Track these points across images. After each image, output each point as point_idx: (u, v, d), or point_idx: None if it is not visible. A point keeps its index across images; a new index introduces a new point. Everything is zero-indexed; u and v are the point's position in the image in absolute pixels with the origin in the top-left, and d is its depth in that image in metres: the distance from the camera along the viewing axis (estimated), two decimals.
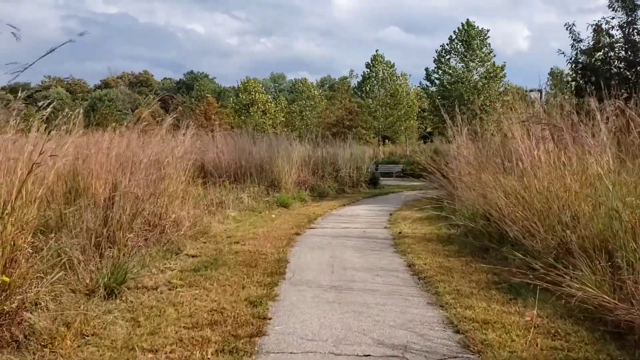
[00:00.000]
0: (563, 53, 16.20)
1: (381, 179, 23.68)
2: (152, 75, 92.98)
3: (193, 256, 7.65)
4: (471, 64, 40.00)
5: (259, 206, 13.28)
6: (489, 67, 39.81)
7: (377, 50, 47.80)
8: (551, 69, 64.74)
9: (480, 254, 7.63)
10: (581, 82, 15.34)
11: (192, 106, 43.79)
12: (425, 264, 7.06)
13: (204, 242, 8.71)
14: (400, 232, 9.80)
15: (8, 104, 6.47)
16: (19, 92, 5.59)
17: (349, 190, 19.29)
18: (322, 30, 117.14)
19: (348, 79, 33.61)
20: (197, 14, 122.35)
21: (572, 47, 15.81)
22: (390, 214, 12.95)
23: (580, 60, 15.74)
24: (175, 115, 10.41)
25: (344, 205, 15.50)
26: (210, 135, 17.71)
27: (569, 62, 16.05)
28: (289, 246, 8.56)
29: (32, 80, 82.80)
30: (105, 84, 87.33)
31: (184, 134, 10.31)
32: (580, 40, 15.74)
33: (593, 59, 15.38)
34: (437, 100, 39.95)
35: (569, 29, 15.70)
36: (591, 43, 15.32)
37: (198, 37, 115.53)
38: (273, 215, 12.53)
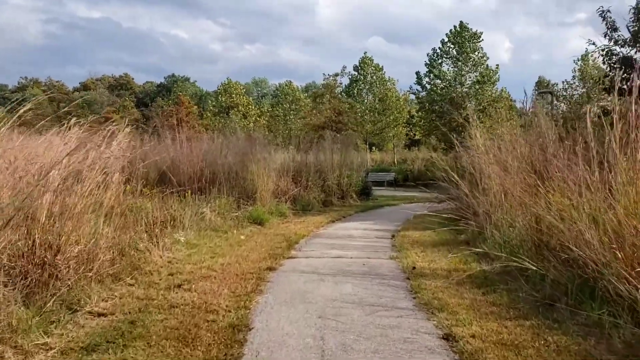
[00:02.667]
0: (594, 43, 13.67)
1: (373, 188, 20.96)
2: (133, 79, 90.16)
3: (100, 315, 4.83)
4: (465, 67, 37.69)
5: (224, 224, 10.45)
6: (482, 70, 37.52)
7: (365, 53, 45.39)
8: (539, 77, 63.57)
9: (549, 313, 4.92)
10: (620, 77, 12.76)
11: (169, 109, 40.83)
12: (473, 336, 4.32)
13: (130, 286, 5.86)
14: (414, 267, 7.05)
15: None
16: None
17: (337, 202, 16.52)
18: (306, 38, 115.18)
19: (339, 76, 30.89)
20: (180, 20, 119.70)
21: (606, 36, 13.25)
22: (393, 236, 10.21)
23: (616, 53, 13.18)
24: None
25: (333, 221, 12.73)
26: (174, 138, 14.83)
27: (601, 55, 13.50)
28: (255, 293, 5.76)
29: (9, 83, 79.84)
30: (84, 87, 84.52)
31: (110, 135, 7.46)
32: (616, 29, 13.20)
33: (635, 50, 12.83)
34: (427, 105, 37.62)
35: (602, 15, 13.14)
36: (631, 29, 12.74)
37: (182, 42, 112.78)
38: (242, 237, 9.71)
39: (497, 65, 37.71)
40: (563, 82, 42.19)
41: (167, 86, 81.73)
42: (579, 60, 42.26)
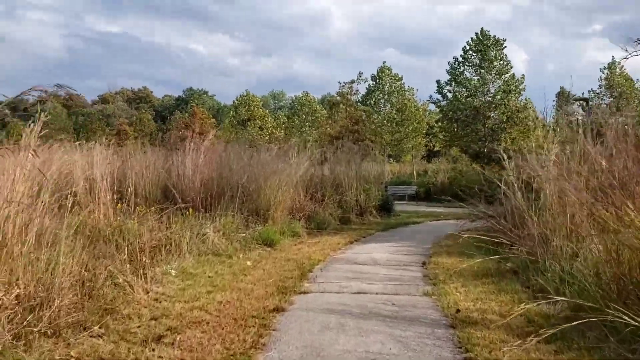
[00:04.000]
0: (626, 50, 12.20)
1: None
2: (152, 92, 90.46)
3: None
4: (487, 76, 36.16)
5: (229, 247, 9.14)
6: (507, 78, 35.95)
7: (384, 62, 44.07)
8: (561, 87, 61.71)
9: None
10: None
11: (182, 120, 40.03)
12: None
13: (96, 338, 4.56)
14: (457, 310, 5.64)
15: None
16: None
17: (355, 219, 15.13)
18: (321, 50, 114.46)
19: (355, 83, 29.54)
20: (198, 34, 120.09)
21: None
22: (424, 263, 8.79)
23: None
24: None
25: (352, 242, 11.34)
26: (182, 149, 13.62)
27: None
28: (256, 349, 4.44)
29: (30, 96, 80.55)
30: (103, 100, 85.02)
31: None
32: None
33: None
34: (450, 114, 36.11)
35: None
36: None
37: (200, 56, 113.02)
38: (248, 263, 8.39)
39: (523, 75, 36.15)
40: (589, 91, 40.48)
41: (185, 99, 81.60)
42: (605, 69, 40.53)
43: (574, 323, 4.28)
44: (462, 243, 9.90)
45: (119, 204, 9.08)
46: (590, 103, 26.21)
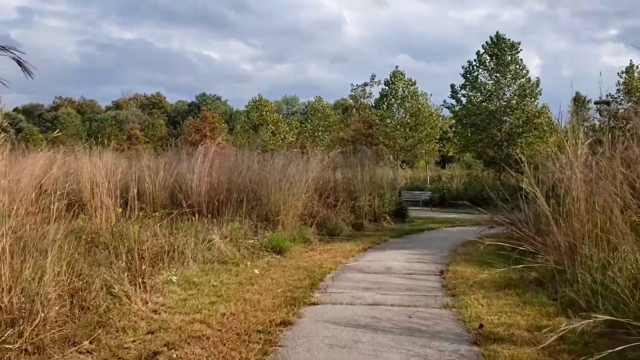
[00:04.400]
0: None
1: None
2: (165, 97, 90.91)
3: None
4: (502, 80, 35.51)
5: (237, 254, 8.73)
6: (523, 83, 35.25)
7: (397, 67, 43.64)
8: (576, 93, 60.71)
9: None
10: None
11: (192, 125, 39.87)
12: None
13: (85, 354, 4.17)
14: (481, 325, 5.16)
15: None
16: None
17: (369, 225, 14.66)
18: (334, 56, 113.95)
19: (368, 86, 28.98)
20: (212, 40, 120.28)
21: None
22: (441, 272, 8.29)
23: None
24: None
25: (366, 249, 10.88)
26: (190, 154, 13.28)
27: None
28: None
29: (45, 102, 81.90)
30: (117, 106, 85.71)
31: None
32: None
33: None
34: (465, 118, 35.50)
35: None
36: None
37: (213, 62, 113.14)
38: (256, 271, 7.97)
39: (538, 78, 35.41)
40: (607, 95, 39.63)
41: (198, 105, 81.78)
42: (623, 73, 39.63)
43: (619, 349, 3.78)
44: (482, 251, 9.42)
45: (122, 209, 8.73)
46: (610, 106, 25.45)
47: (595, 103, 28.54)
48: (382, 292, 6.76)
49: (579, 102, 60.04)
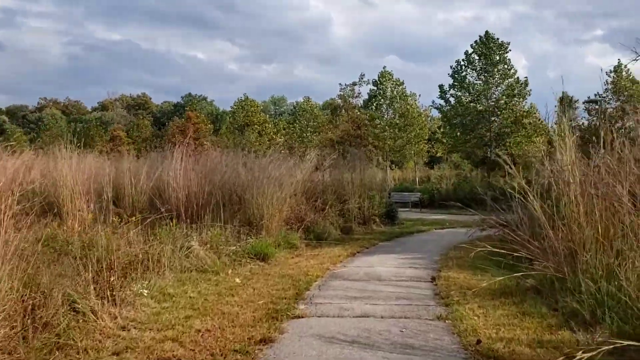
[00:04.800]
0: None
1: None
2: (151, 98, 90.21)
3: None
4: (491, 80, 35.33)
5: (217, 261, 8.26)
6: (511, 82, 35.08)
7: (384, 67, 43.26)
8: (563, 92, 60.78)
9: None
10: None
11: (175, 125, 39.20)
12: None
13: None
14: (478, 341, 4.74)
15: None
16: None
17: (358, 228, 14.24)
18: (322, 57, 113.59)
19: (357, 85, 28.47)
20: (198, 41, 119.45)
21: None
22: (433, 278, 7.88)
23: None
24: None
25: (354, 254, 10.45)
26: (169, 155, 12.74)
27: None
28: None
29: (30, 103, 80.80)
30: (102, 107, 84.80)
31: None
32: None
33: None
34: (453, 119, 35.27)
35: None
36: None
37: (200, 63, 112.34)
38: (237, 280, 7.51)
39: (526, 78, 35.29)
40: (596, 95, 39.65)
41: (183, 105, 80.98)
42: (611, 73, 39.65)
43: None
44: (474, 255, 9.05)
45: (95, 214, 8.23)
46: (600, 105, 25.27)
47: (585, 102, 28.37)
48: (372, 302, 6.33)
49: (565, 102, 60.33)
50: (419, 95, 47.32)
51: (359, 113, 27.23)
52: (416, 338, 4.91)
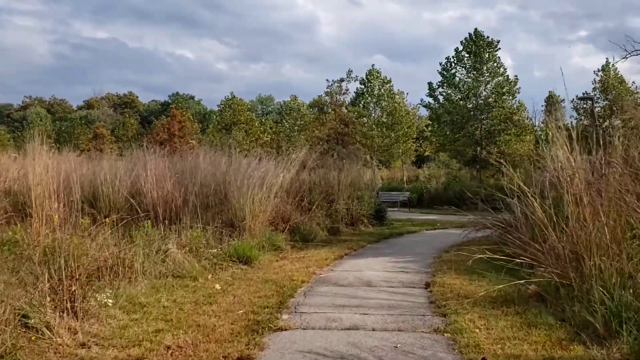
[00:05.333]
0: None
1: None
2: (137, 97, 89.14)
3: None
4: (480, 78, 35.02)
5: (197, 265, 7.69)
6: (501, 81, 34.79)
7: (373, 65, 42.84)
8: (549, 92, 60.93)
9: None
10: None
11: (159, 123, 38.41)
12: None
13: None
14: (483, 359, 4.24)
15: None
16: None
17: (345, 229, 13.72)
18: (310, 56, 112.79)
19: (345, 82, 27.86)
20: (185, 40, 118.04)
21: None
22: (427, 284, 7.36)
23: None
24: None
25: (342, 257, 9.93)
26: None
27: None
28: None
29: (15, 101, 79.52)
30: (88, 105, 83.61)
31: None
32: None
33: None
34: (443, 116, 34.92)
35: None
36: None
37: (188, 62, 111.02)
38: (217, 286, 6.95)
39: (516, 76, 35.03)
40: (584, 93, 39.55)
41: (171, 104, 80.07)
42: (599, 71, 39.56)
43: None
44: (469, 258, 8.59)
45: (57, 215, 7.60)
46: (592, 103, 24.97)
47: (579, 99, 28.09)
48: (362, 312, 5.81)
49: (553, 101, 60.36)
50: (407, 93, 46.89)
51: (346, 110, 26.61)
52: (412, 356, 4.39)
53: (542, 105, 58.18)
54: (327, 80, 29.27)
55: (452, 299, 6.28)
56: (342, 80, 27.13)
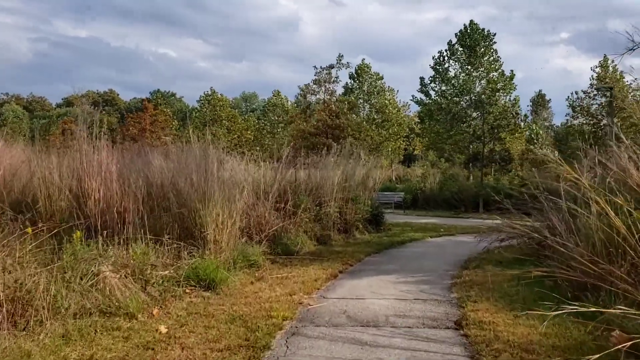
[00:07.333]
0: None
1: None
2: (118, 94, 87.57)
3: None
4: (474, 73, 33.21)
5: (139, 295, 5.58)
6: (496, 77, 32.98)
7: (363, 60, 40.89)
8: (539, 91, 59.65)
9: None
10: None
11: (131, 117, 36.20)
12: None
13: None
14: None
15: None
16: None
17: (338, 237, 11.63)
18: (293, 56, 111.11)
19: (335, 69, 25.63)
20: (168, 38, 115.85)
21: None
22: (458, 324, 5.31)
23: None
24: None
25: (335, 276, 7.84)
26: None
27: None
28: None
29: None
30: (67, 103, 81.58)
31: None
32: None
33: None
34: (435, 113, 33.04)
35: None
36: None
37: (170, 60, 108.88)
38: (162, 329, 4.86)
39: (512, 70, 33.23)
40: (582, 91, 37.96)
41: (152, 102, 78.15)
42: (597, 67, 37.95)
43: None
44: (501, 279, 6.62)
45: None
46: (612, 95, 23.16)
47: (597, 89, 26.31)
48: None
49: (540, 101, 59.05)
50: (397, 91, 44.97)
51: (336, 101, 24.41)
52: None
53: (528, 106, 56.87)
54: (314, 67, 26.99)
55: (504, 352, 4.25)
56: (331, 67, 24.84)
